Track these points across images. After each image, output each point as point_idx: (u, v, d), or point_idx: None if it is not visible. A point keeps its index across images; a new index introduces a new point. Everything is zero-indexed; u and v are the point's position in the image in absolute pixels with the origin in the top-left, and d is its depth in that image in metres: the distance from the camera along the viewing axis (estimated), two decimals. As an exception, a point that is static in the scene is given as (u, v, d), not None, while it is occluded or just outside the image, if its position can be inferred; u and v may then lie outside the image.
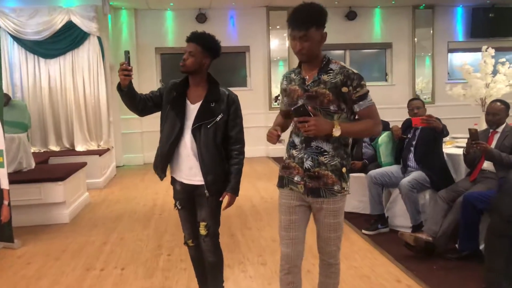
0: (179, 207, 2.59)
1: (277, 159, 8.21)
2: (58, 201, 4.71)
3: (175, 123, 2.41)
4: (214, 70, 2.49)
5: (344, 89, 2.02)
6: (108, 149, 7.10)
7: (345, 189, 2.10)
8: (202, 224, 2.48)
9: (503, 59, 4.80)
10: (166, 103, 2.47)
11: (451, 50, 9.24)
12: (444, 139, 4.39)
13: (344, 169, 2.08)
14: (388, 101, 8.20)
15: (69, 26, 6.95)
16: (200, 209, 2.50)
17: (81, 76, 7.08)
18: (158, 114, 2.54)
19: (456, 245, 3.49)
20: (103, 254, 3.86)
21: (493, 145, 3.61)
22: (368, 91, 2.06)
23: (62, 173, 4.83)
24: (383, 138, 4.41)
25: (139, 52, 8.48)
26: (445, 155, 4.17)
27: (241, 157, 2.50)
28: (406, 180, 3.88)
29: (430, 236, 3.48)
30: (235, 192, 2.49)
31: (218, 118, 2.40)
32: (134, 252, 3.89)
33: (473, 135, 3.38)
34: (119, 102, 8.12)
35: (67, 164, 5.59)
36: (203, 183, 2.43)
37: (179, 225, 2.69)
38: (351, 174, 4.87)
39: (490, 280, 2.68)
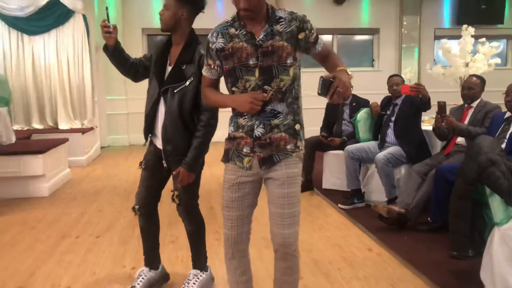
0: (143, 167, 2.46)
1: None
2: (37, 174, 4.70)
3: (155, 86, 2.32)
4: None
5: (301, 35, 1.81)
6: (92, 128, 7.07)
7: (300, 147, 1.88)
8: (175, 193, 2.37)
9: (483, 39, 4.85)
10: (152, 65, 2.39)
11: (438, 37, 9.27)
12: (423, 118, 4.45)
13: (297, 126, 1.87)
14: (374, 87, 8.18)
15: (54, 3, 6.84)
16: (174, 178, 2.36)
17: (66, 54, 7.00)
18: (144, 95, 2.40)
19: (429, 219, 3.55)
20: (79, 223, 3.87)
21: (467, 120, 3.66)
22: None
23: (42, 147, 4.81)
24: (362, 114, 4.45)
25: (125, 33, 8.40)
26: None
27: (207, 129, 2.26)
28: (382, 154, 3.92)
29: (402, 208, 3.53)
30: (190, 168, 2.26)
31: (187, 83, 2.22)
32: (111, 222, 3.90)
33: (441, 108, 3.41)
34: (105, 82, 8.15)
35: (48, 140, 5.57)
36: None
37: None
38: (330, 151, 4.94)
39: (456, 242, 2.73)
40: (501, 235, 2.41)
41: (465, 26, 4.91)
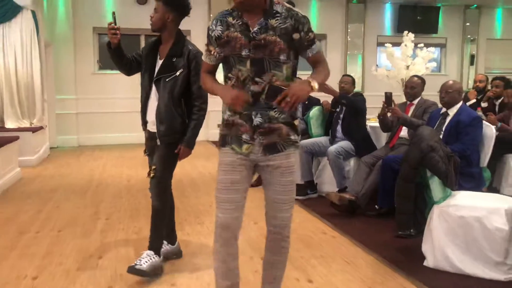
0: (147, 153, 2.77)
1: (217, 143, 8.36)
2: (-12, 172, 4.57)
3: (146, 77, 2.65)
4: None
5: (296, 36, 1.83)
6: (41, 127, 6.87)
7: (298, 140, 1.96)
8: (153, 167, 2.62)
9: (421, 44, 5.35)
10: (143, 60, 2.69)
11: (380, 44, 9.89)
12: (369, 116, 4.82)
13: (296, 121, 1.93)
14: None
15: (0, -2, 6.64)
16: (154, 155, 2.66)
17: (13, 51, 6.76)
18: (95, 95, 2.69)
19: (376, 206, 3.87)
20: (38, 220, 3.83)
21: (409, 115, 4.03)
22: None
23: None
24: (314, 111, 4.75)
25: (75, 31, 8.26)
26: (368, 127, 4.59)
27: (201, 112, 2.61)
28: (333, 147, 4.22)
29: (353, 196, 3.83)
30: (188, 145, 2.62)
31: (177, 73, 2.54)
32: (71, 217, 3.90)
33: (388, 98, 3.75)
34: (54, 81, 7.94)
35: (-3, 138, 5.39)
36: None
37: (116, 196, 2.83)
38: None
39: (401, 221, 3.05)
40: (439, 212, 2.75)
41: (406, 32, 5.39)
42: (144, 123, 2.73)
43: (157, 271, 2.63)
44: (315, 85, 1.78)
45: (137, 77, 2.80)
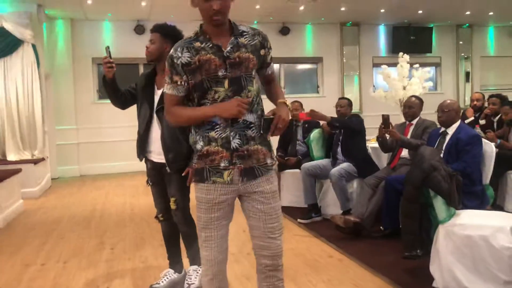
0: (151, 184, 2.82)
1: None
2: (-9, 205, 4.58)
3: (146, 109, 2.71)
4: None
5: (262, 52, 1.90)
6: (43, 159, 6.91)
7: (274, 160, 1.97)
8: (172, 199, 2.71)
9: (417, 65, 5.45)
10: (139, 92, 2.77)
11: (376, 65, 10.05)
12: (369, 137, 4.87)
13: (269, 137, 1.93)
14: (320, 111, 8.73)
15: (1, 32, 6.76)
16: (168, 186, 2.73)
17: (14, 84, 6.87)
18: (95, 124, 2.75)
19: (381, 227, 3.88)
20: (43, 251, 3.83)
21: (408, 135, 4.09)
22: None
23: (-4, 177, 4.70)
24: (315, 134, 4.79)
25: (75, 62, 8.37)
26: (369, 148, 4.63)
27: None
28: (335, 169, 4.25)
29: (358, 218, 3.84)
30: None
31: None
32: (76, 248, 3.89)
33: (385, 120, 3.79)
34: (55, 112, 8.01)
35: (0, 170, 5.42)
36: (159, 160, 2.67)
37: (120, 225, 2.87)
38: (286, 170, 5.22)
39: (407, 242, 3.05)
40: (445, 232, 2.76)
41: (401, 53, 5.50)
42: (143, 153, 2.76)
43: None
44: (289, 104, 1.92)
45: (136, 106, 2.85)
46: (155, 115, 2.69)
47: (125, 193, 6.39)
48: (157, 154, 2.69)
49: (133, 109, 3.09)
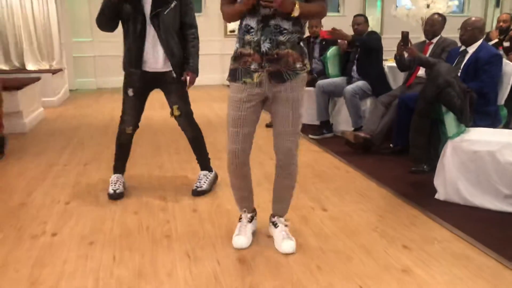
0: (131, 94, 2.80)
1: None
2: (16, 111, 4.73)
3: (135, 17, 2.64)
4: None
5: None
6: (61, 69, 6.99)
7: (306, 65, 2.07)
8: (175, 107, 2.83)
9: (444, -18, 5.18)
10: (124, 7, 2.64)
11: (402, -16, 9.53)
12: (386, 57, 4.78)
13: (302, 43, 2.05)
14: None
15: None
16: (168, 95, 2.83)
17: (29, -7, 6.77)
18: (110, 38, 2.72)
19: (391, 145, 3.95)
20: (64, 154, 4.03)
21: (427, 54, 4.00)
22: None
23: (18, 84, 4.81)
24: (332, 51, 4.72)
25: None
26: (386, 67, 4.57)
27: (196, 40, 2.80)
28: (350, 87, 4.24)
29: (368, 134, 3.90)
30: (195, 71, 2.80)
31: (172, 5, 2.65)
32: (95, 152, 4.08)
33: (404, 37, 3.71)
34: (71, 24, 7.93)
35: (22, 78, 5.53)
36: (168, 69, 2.73)
37: (137, 133, 2.97)
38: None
39: (414, 155, 3.14)
40: (453, 147, 2.82)
41: (427, -33, 5.21)
42: (138, 66, 2.70)
43: (214, 183, 3.08)
44: (296, 12, 1.89)
45: None
46: (148, 25, 2.64)
47: (142, 106, 6.50)
48: (153, 64, 2.71)
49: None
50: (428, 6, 5.07)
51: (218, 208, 2.79)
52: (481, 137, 2.78)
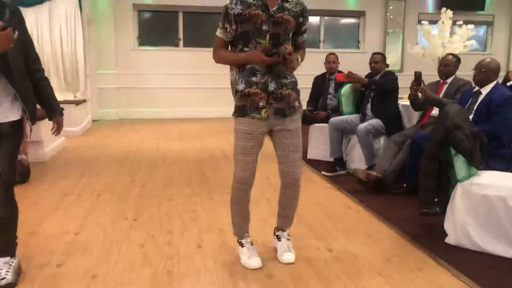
0: None
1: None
2: (37, 140, 4.89)
3: None
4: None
5: (300, 19, 2.31)
6: (84, 100, 7.23)
7: (300, 104, 2.42)
8: None
9: (460, 22, 5.20)
10: None
11: (422, 22, 9.60)
12: (401, 95, 4.78)
13: (297, 85, 2.39)
14: (359, 67, 8.45)
15: (45, -23, 6.92)
16: None
17: (58, 27, 7.09)
18: (135, 70, 2.57)
19: (404, 185, 3.89)
20: (79, 184, 4.12)
21: (441, 94, 3.99)
22: None
23: (40, 114, 4.98)
24: (346, 89, 4.75)
25: (116, 8, 8.50)
26: (400, 106, 4.56)
27: (46, 76, 2.38)
28: (363, 125, 4.24)
29: (380, 173, 3.86)
30: (62, 113, 2.47)
31: (15, 36, 2.01)
32: (109, 183, 4.16)
33: (417, 77, 3.71)
34: (96, 57, 8.27)
35: (44, 109, 5.72)
36: (5, 120, 2.16)
37: (152, 165, 3.01)
38: (315, 124, 5.25)
39: (424, 198, 3.08)
40: (463, 190, 2.76)
41: (443, 9, 5.24)
42: None
43: (19, 271, 2.32)
44: (300, 62, 2.34)
45: (175, 54, 2.88)
46: None
47: (160, 138, 6.64)
48: None
49: (172, 57, 3.12)
50: (443, 45, 5.08)
51: (223, 245, 2.78)
52: (492, 181, 2.72)
